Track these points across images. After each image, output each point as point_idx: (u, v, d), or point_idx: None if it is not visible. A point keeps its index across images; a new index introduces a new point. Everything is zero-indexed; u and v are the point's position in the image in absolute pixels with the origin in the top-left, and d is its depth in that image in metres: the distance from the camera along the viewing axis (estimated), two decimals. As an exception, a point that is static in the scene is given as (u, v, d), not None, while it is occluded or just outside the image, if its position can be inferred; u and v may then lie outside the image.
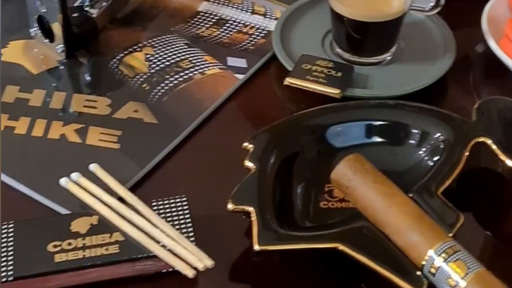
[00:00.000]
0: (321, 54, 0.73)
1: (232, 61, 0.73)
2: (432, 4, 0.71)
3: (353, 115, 0.63)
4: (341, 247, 0.52)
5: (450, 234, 0.53)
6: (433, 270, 0.50)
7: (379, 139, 0.63)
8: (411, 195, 0.56)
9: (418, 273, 0.51)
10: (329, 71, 0.69)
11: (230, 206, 0.55)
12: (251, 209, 0.54)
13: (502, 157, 0.59)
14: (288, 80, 0.68)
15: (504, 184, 0.62)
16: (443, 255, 0.50)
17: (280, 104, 0.71)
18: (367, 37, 0.71)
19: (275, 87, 0.71)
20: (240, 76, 0.71)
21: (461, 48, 0.74)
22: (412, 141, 0.62)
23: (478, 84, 0.74)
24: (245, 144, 0.60)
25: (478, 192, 0.63)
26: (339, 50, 0.73)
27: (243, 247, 0.56)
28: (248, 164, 0.58)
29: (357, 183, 0.55)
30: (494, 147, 0.60)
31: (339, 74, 0.68)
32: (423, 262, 0.51)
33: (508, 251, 0.59)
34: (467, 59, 0.75)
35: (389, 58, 0.73)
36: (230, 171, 0.61)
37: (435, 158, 0.60)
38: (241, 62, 0.73)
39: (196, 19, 0.78)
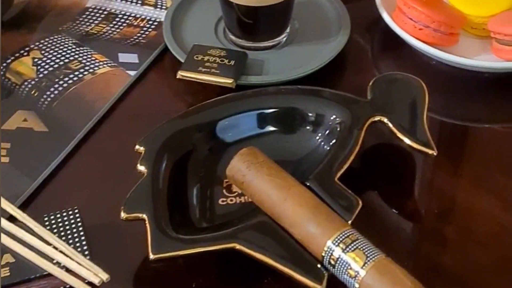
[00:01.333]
0: (215, 42, 0.71)
1: (123, 57, 0.70)
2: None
3: (242, 106, 0.61)
4: (238, 246, 0.51)
5: (349, 221, 0.52)
6: (332, 261, 0.49)
7: (272, 128, 0.61)
8: (308, 183, 0.54)
9: (319, 265, 0.50)
10: (222, 60, 0.67)
11: (123, 214, 0.53)
12: (144, 216, 0.52)
13: (399, 135, 0.59)
14: (180, 74, 0.66)
15: (406, 160, 0.62)
16: (341, 245, 0.49)
17: (177, 98, 0.68)
18: (259, 22, 0.69)
19: (170, 81, 0.68)
20: (132, 73, 0.69)
21: (356, 24, 0.72)
22: (307, 127, 0.61)
23: (375, 60, 0.73)
24: (137, 146, 0.58)
25: (381, 169, 0.62)
26: (232, 37, 0.71)
27: (142, 255, 0.54)
28: (140, 168, 0.56)
29: (251, 177, 0.54)
30: (390, 125, 0.59)
31: (232, 62, 0.66)
32: (323, 254, 0.50)
33: (411, 226, 0.58)
34: (363, 35, 0.74)
35: (284, 40, 0.71)
36: (125, 176, 0.58)
37: (332, 142, 0.59)
38: (133, 58, 0.70)
39: (84, 16, 0.75)
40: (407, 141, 0.58)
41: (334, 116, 0.60)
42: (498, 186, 0.60)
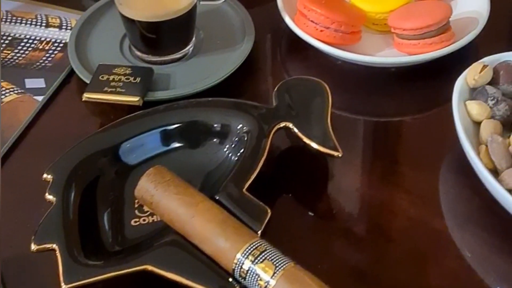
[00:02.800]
0: (121, 60, 0.71)
1: (30, 82, 0.70)
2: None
3: (143, 125, 0.61)
4: (149, 267, 0.51)
5: (259, 231, 0.53)
6: (243, 274, 0.50)
7: (178, 144, 0.61)
8: (217, 197, 0.55)
9: (230, 279, 0.51)
10: (128, 78, 0.67)
11: (33, 246, 0.53)
12: (55, 246, 0.52)
13: (305, 139, 0.60)
14: (86, 96, 0.66)
15: (316, 161, 0.63)
16: (250, 257, 0.50)
17: (86, 120, 0.68)
18: (162, 36, 0.69)
19: (79, 103, 0.68)
20: (40, 98, 0.68)
21: (261, 29, 0.74)
22: (213, 139, 0.61)
23: (282, 64, 0.74)
24: (44, 175, 0.57)
25: (293, 172, 0.63)
26: (138, 53, 0.71)
27: (57, 285, 0.54)
28: (49, 197, 0.56)
29: (159, 197, 0.54)
30: (295, 130, 0.60)
31: (138, 79, 0.67)
32: (233, 267, 0.50)
33: (324, 228, 0.59)
34: (269, 40, 0.75)
35: (191, 50, 0.72)
36: (37, 206, 0.58)
37: (240, 152, 0.60)
38: (40, 83, 0.70)
39: (-12, 43, 0.75)
40: (313, 145, 0.59)
41: (240, 126, 0.61)
42: (405, 181, 0.62)
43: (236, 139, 0.61)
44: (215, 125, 0.61)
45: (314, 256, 0.56)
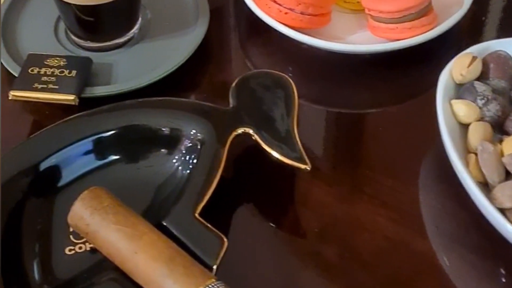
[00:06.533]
0: (56, 47, 0.61)
1: None
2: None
3: (71, 134, 0.51)
4: (83, 317, 0.43)
5: (214, 266, 0.45)
6: (195, 324, 0.42)
7: (115, 156, 0.52)
8: (165, 223, 0.47)
9: (180, 329, 0.43)
10: (62, 72, 0.57)
11: None
12: (-29, 291, 0.44)
13: (266, 147, 0.52)
14: (12, 94, 0.56)
15: (279, 168, 0.55)
16: (203, 305, 0.42)
17: (15, 120, 0.58)
18: (102, 19, 0.60)
19: (6, 99, 0.58)
20: (-40, 93, 0.59)
21: (216, 10, 0.65)
22: (161, 148, 0.52)
23: (241, 51, 0.65)
24: (-40, 198, 0.49)
25: (253, 179, 0.55)
26: (75, 38, 0.61)
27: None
28: (-38, 226, 0.47)
29: (96, 226, 0.46)
30: (257, 138, 0.52)
31: (74, 72, 0.57)
32: (184, 315, 0.43)
33: (289, 252, 0.51)
34: (225, 22, 0.65)
35: (136, 34, 0.62)
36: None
37: (192, 164, 0.51)
38: (-40, 74, 0.60)
39: None
40: (277, 156, 0.51)
41: (193, 131, 0.52)
42: (382, 191, 0.54)
43: (188, 147, 0.52)
44: (163, 130, 0.52)
45: (277, 286, 0.49)
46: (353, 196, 0.54)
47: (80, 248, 0.49)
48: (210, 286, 0.43)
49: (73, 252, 0.49)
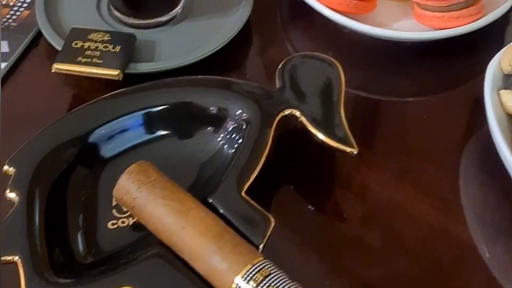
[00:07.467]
0: (98, 22, 0.61)
1: (-9, 45, 0.60)
2: None
3: (123, 107, 0.51)
4: (127, 291, 0.43)
5: (260, 245, 0.45)
6: (242, 302, 0.42)
7: (163, 132, 0.52)
8: (211, 200, 0.47)
9: (226, 306, 0.43)
10: (106, 47, 0.57)
11: (-11, 258, 0.44)
12: (17, 259, 0.44)
13: (313, 130, 0.51)
14: (56, 67, 0.56)
15: (322, 151, 0.54)
16: (252, 282, 0.42)
17: (57, 93, 0.58)
18: (146, -4, 0.60)
19: (48, 72, 0.57)
20: (3, 65, 0.59)
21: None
22: (207, 126, 0.52)
23: (284, 33, 0.64)
24: (5, 167, 0.48)
25: (295, 163, 0.54)
26: (117, 14, 0.61)
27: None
28: (10, 195, 0.47)
29: (143, 200, 0.45)
30: (303, 119, 0.51)
31: (118, 48, 0.57)
32: (231, 292, 0.43)
33: (331, 236, 0.51)
34: (269, 4, 0.65)
35: (179, 12, 0.62)
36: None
37: (238, 143, 0.51)
38: (3, 46, 0.60)
39: None
40: (324, 139, 0.50)
41: (239, 112, 0.52)
42: (426, 179, 0.54)
43: (234, 127, 0.52)
44: (211, 109, 0.52)
45: (320, 271, 0.49)
46: (396, 183, 0.53)
47: (123, 222, 0.49)
48: (258, 264, 0.42)
49: (115, 226, 0.48)
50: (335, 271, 0.49)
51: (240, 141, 0.51)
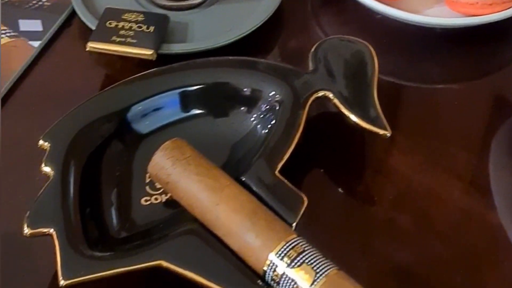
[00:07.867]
0: (131, 3, 0.61)
1: (25, 24, 0.60)
2: None
3: (159, 85, 0.52)
4: (164, 263, 0.43)
5: (293, 223, 0.45)
6: (276, 278, 0.42)
7: (198, 111, 0.52)
8: (244, 179, 0.47)
9: (260, 282, 0.43)
10: (140, 27, 0.57)
11: (26, 230, 0.44)
12: (52, 231, 0.44)
13: (346, 111, 0.51)
14: (90, 45, 0.56)
15: (352, 134, 0.54)
16: (286, 259, 0.42)
17: (90, 72, 0.59)
18: (180, -25, 0.60)
19: (81, 52, 0.58)
20: (36, 44, 0.59)
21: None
22: (241, 106, 0.52)
23: (315, 17, 0.64)
24: (41, 141, 0.49)
25: (325, 145, 0.54)
26: (151, -5, 0.61)
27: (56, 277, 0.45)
28: (46, 169, 0.47)
29: (177, 177, 0.46)
30: (336, 101, 0.51)
31: (152, 28, 0.57)
32: (265, 268, 0.42)
33: (362, 218, 0.51)
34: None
35: (212, -5, 0.62)
36: (29, 176, 0.49)
37: (271, 124, 0.51)
38: (36, 25, 0.60)
39: (-24, -26, 0.65)
40: (358, 121, 0.50)
41: (273, 93, 0.52)
42: (457, 164, 0.54)
43: (267, 108, 0.52)
44: (245, 90, 0.52)
45: (351, 251, 0.49)
46: (427, 167, 0.53)
47: (156, 199, 0.49)
48: (292, 241, 0.43)
49: (149, 202, 0.49)
50: (366, 253, 0.49)
51: (273, 122, 0.51)
